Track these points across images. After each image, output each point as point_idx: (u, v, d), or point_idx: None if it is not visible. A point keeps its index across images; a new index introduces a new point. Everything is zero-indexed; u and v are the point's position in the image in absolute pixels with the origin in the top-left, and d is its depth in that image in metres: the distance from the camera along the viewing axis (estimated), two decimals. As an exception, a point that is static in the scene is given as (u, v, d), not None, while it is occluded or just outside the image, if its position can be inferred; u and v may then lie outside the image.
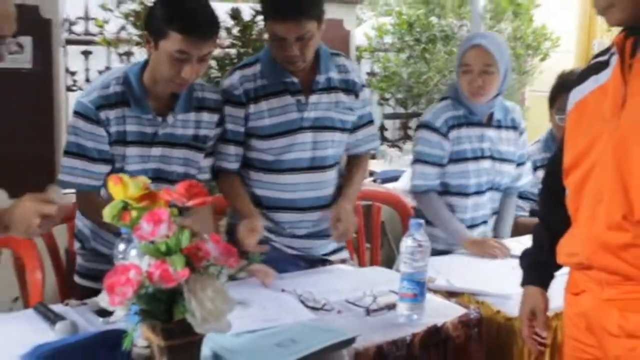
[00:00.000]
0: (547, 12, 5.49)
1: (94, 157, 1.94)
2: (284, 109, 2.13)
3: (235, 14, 3.26)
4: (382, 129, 5.77)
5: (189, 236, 1.26)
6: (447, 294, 1.98)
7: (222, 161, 2.16)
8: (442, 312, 1.79)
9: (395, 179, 3.97)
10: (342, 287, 1.96)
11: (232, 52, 3.28)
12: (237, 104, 2.12)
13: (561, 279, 1.59)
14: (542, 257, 1.61)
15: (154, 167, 1.98)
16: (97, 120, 1.92)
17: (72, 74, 4.12)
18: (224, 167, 2.17)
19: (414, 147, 2.52)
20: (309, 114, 2.15)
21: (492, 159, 2.47)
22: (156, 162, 1.99)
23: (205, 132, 2.07)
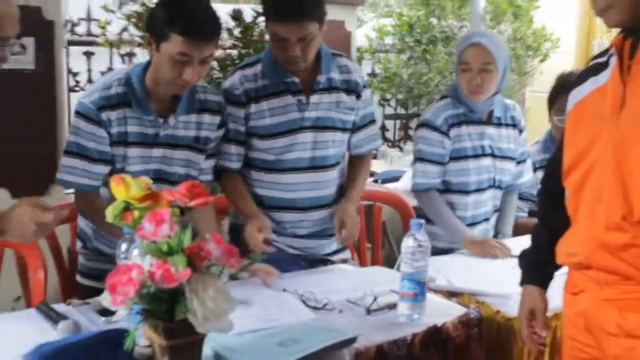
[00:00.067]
0: (547, 13, 5.48)
1: (93, 158, 1.94)
2: (285, 109, 2.14)
3: (236, 15, 3.26)
4: (382, 129, 5.76)
5: (190, 236, 1.27)
6: (448, 294, 1.98)
7: (224, 161, 2.17)
8: (442, 312, 1.79)
9: (396, 179, 3.96)
10: (343, 287, 1.96)
11: (234, 53, 3.28)
12: (237, 103, 2.13)
13: (560, 279, 1.59)
14: (541, 257, 1.62)
15: (155, 168, 1.98)
16: (98, 120, 1.92)
17: (75, 74, 4.10)
18: (226, 167, 2.17)
19: (414, 146, 2.52)
20: (310, 114, 2.16)
21: (492, 156, 2.47)
22: (157, 163, 1.99)
23: (206, 134, 2.07)
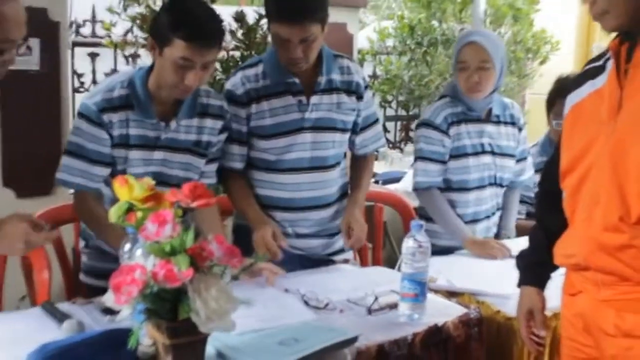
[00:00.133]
0: (546, 16, 5.47)
1: (92, 159, 1.94)
2: (286, 109, 2.15)
3: (239, 17, 3.26)
4: (384, 130, 5.76)
5: (193, 237, 1.28)
6: (448, 294, 1.99)
7: (227, 161, 2.18)
8: (442, 312, 1.80)
9: (397, 180, 3.98)
10: (345, 287, 1.97)
11: (237, 54, 3.29)
12: (239, 103, 2.14)
13: (560, 279, 1.59)
14: (539, 258, 1.63)
15: (155, 171, 1.97)
16: (99, 122, 1.92)
17: (79, 75, 4.11)
18: (230, 167, 2.18)
19: (415, 145, 2.53)
20: (310, 115, 2.17)
21: (492, 154, 2.48)
22: (158, 166, 1.99)
23: (207, 139, 2.07)
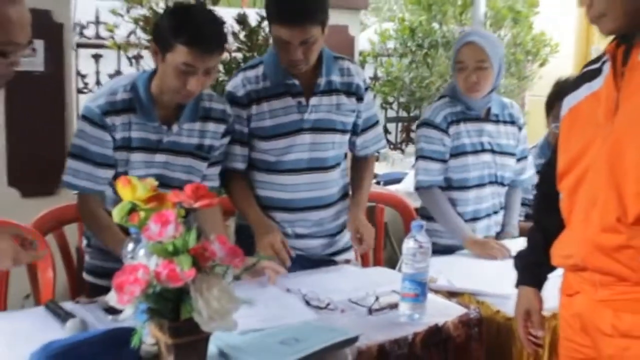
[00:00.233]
0: (546, 19, 5.48)
1: (97, 162, 1.95)
2: (285, 111, 2.16)
3: (241, 19, 3.27)
4: (385, 132, 5.77)
5: (195, 237, 1.29)
6: (448, 294, 2.00)
7: (229, 162, 2.18)
8: (443, 312, 1.81)
9: (398, 181, 3.99)
10: (346, 287, 1.98)
11: (239, 56, 3.30)
12: (240, 105, 2.15)
13: (558, 280, 1.60)
14: (537, 259, 1.63)
15: (157, 173, 1.97)
16: (102, 125, 1.93)
17: (83, 76, 4.12)
18: (232, 167, 2.19)
19: (416, 145, 2.55)
20: (309, 116, 2.18)
21: (492, 152, 2.50)
22: (160, 169, 2.00)
23: (209, 142, 2.08)
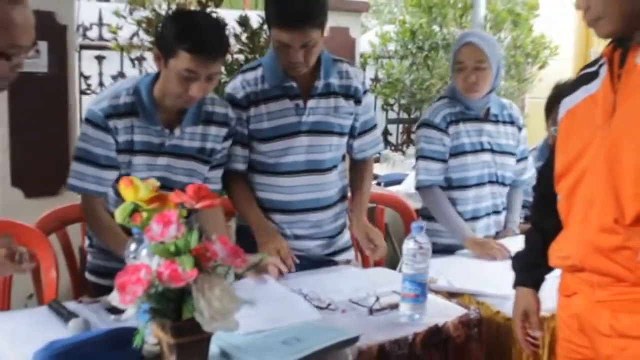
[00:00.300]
0: (546, 22, 5.49)
1: (102, 164, 1.96)
2: (283, 113, 2.17)
3: (243, 22, 3.29)
4: (386, 133, 5.79)
5: (197, 237, 1.30)
6: (448, 295, 2.00)
7: (230, 162, 2.19)
8: (443, 312, 1.81)
9: (398, 182, 4.00)
10: (346, 288, 1.98)
11: (241, 57, 3.32)
12: (240, 107, 2.16)
13: (557, 280, 1.60)
14: (534, 260, 1.64)
15: (159, 176, 1.95)
16: (105, 127, 1.94)
17: (86, 78, 4.13)
18: (233, 168, 2.20)
19: (416, 145, 2.56)
20: (307, 118, 2.18)
21: (491, 151, 2.51)
22: (162, 171, 2.01)
23: (211, 145, 2.09)
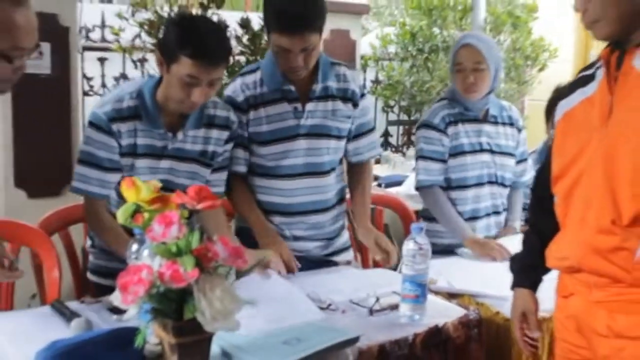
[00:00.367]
0: (545, 24, 5.50)
1: (105, 167, 1.97)
2: (281, 116, 2.17)
3: (244, 24, 3.30)
4: (386, 135, 5.80)
5: (198, 238, 1.30)
6: (448, 295, 2.01)
7: (232, 165, 2.20)
8: (443, 313, 1.82)
9: (399, 183, 4.02)
10: (346, 288, 1.99)
11: (242, 59, 3.33)
12: (240, 110, 2.17)
13: (554, 282, 1.61)
14: (532, 261, 1.64)
15: (162, 179, 1.94)
16: (109, 131, 1.95)
17: (89, 79, 4.15)
18: (234, 170, 2.20)
19: (416, 146, 2.57)
20: (306, 122, 2.19)
21: (491, 152, 2.52)
22: (164, 174, 2.01)
23: (213, 148, 2.09)
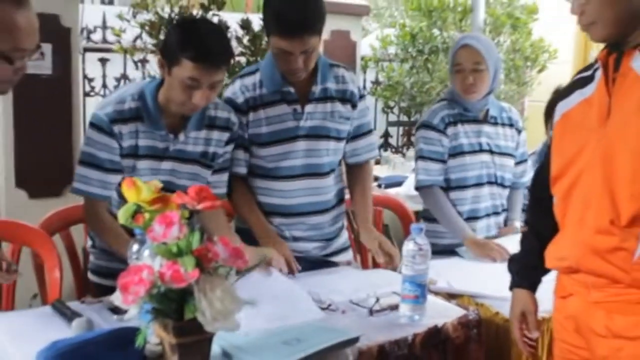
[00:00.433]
0: (545, 25, 5.50)
1: (106, 168, 1.97)
2: (281, 118, 2.18)
3: (245, 25, 3.32)
4: (386, 135, 5.81)
5: (199, 238, 1.31)
6: (448, 296, 2.01)
7: (232, 166, 2.20)
8: (442, 313, 1.82)
9: (399, 184, 4.03)
10: (346, 288, 1.99)
11: (242, 60, 3.34)
12: (240, 111, 2.17)
13: (552, 282, 1.61)
14: (531, 262, 1.65)
15: (163, 180, 1.91)
16: (110, 132, 1.95)
17: (90, 80, 4.17)
18: (234, 172, 2.21)
19: (416, 146, 2.58)
20: (305, 123, 2.19)
21: (490, 152, 2.52)
22: (166, 176, 2.01)
23: (214, 150, 2.10)
